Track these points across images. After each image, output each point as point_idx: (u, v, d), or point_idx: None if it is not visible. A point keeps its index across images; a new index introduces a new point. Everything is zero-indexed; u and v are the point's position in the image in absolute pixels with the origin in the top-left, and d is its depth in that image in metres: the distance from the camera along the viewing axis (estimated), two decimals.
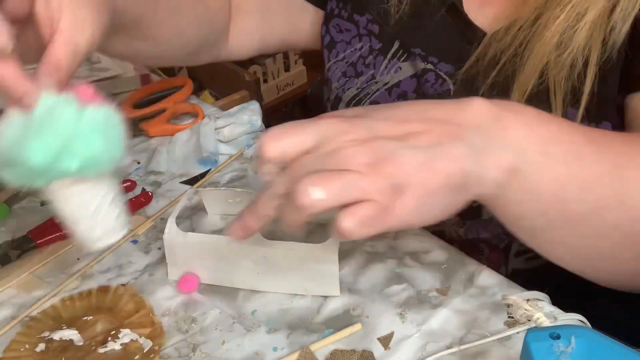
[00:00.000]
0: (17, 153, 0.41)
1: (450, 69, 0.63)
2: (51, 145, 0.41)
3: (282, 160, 0.40)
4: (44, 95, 0.42)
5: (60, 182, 0.44)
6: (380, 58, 0.67)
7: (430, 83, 0.64)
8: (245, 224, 0.44)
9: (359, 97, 0.68)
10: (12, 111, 0.42)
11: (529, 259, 0.66)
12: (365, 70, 0.68)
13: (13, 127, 0.42)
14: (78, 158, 0.42)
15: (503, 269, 0.66)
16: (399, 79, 0.66)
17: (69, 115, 0.42)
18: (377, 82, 0.67)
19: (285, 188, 0.40)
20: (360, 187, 0.38)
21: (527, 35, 0.55)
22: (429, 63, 0.64)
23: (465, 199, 0.42)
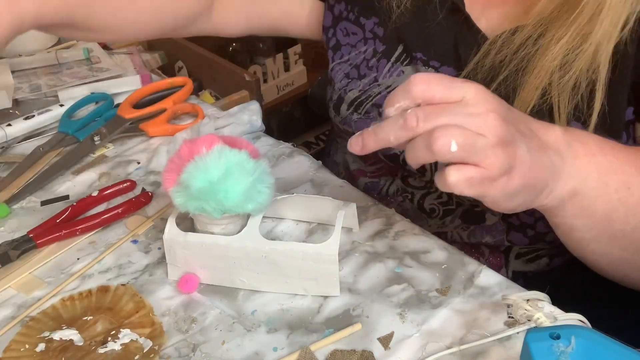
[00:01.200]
0: (213, 193, 0.52)
1: (451, 72, 0.63)
2: (241, 192, 0.53)
3: (425, 101, 0.44)
4: (219, 146, 0.54)
5: (229, 215, 0.55)
6: (384, 61, 0.67)
7: None
8: (363, 141, 0.47)
9: (361, 99, 0.68)
10: (198, 156, 0.53)
11: (529, 261, 0.66)
12: (368, 72, 0.68)
13: (204, 169, 0.52)
14: (254, 202, 0.54)
15: (504, 270, 0.66)
16: (402, 82, 0.65)
17: (250, 167, 0.54)
18: (379, 84, 0.67)
19: (418, 124, 0.43)
20: (485, 153, 0.43)
21: (529, 53, 0.56)
22: (430, 67, 0.64)
23: (535, 204, 0.49)
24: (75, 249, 0.62)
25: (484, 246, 0.67)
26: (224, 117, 0.79)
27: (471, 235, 0.67)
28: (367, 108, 0.68)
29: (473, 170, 0.43)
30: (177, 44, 1.23)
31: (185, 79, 0.86)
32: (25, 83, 0.90)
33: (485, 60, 0.59)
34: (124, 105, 0.82)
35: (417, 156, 0.44)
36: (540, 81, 0.55)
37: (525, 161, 0.45)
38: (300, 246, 0.54)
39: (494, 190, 0.44)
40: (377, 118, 0.67)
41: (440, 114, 0.43)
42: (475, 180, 0.43)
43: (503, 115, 0.43)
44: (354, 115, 0.69)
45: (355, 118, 0.69)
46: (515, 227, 0.63)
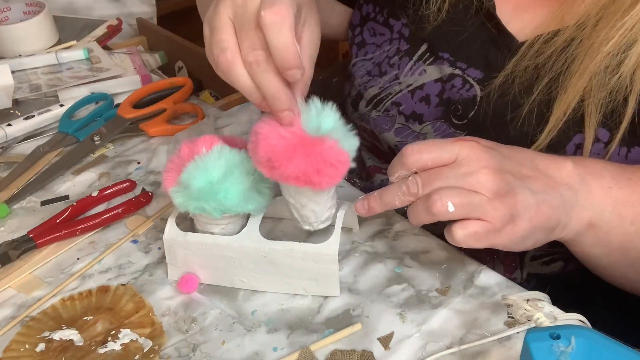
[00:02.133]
0: (213, 193, 0.52)
1: (479, 75, 0.62)
2: (241, 192, 0.53)
3: (420, 169, 0.48)
4: (219, 146, 0.53)
5: (229, 215, 0.55)
6: (406, 59, 0.66)
7: (456, 88, 0.63)
8: (370, 205, 0.51)
9: (380, 97, 0.67)
10: (197, 156, 0.53)
11: (544, 264, 0.65)
12: (389, 70, 0.68)
13: (204, 169, 0.52)
14: (254, 202, 0.54)
15: (518, 272, 0.65)
16: (423, 82, 0.65)
17: (250, 167, 0.53)
18: (400, 82, 0.66)
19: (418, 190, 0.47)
20: (483, 209, 0.46)
21: (572, 54, 0.55)
22: (457, 68, 0.63)
23: (549, 239, 0.51)
24: (75, 249, 0.62)
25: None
26: (224, 117, 0.79)
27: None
28: (387, 106, 0.67)
29: (477, 225, 0.46)
30: (177, 44, 1.23)
31: (185, 79, 0.86)
32: (25, 83, 0.90)
33: (521, 64, 0.58)
34: (124, 105, 0.82)
35: (419, 219, 0.48)
36: (584, 83, 0.54)
37: (529, 205, 0.47)
38: (301, 246, 0.54)
39: (502, 240, 0.47)
40: (397, 116, 0.66)
41: (436, 178, 0.46)
42: (481, 234, 0.46)
43: (497, 168, 0.46)
44: (373, 113, 0.68)
45: (374, 115, 0.68)
46: None
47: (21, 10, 1.07)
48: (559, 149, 0.57)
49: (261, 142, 0.49)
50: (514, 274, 0.65)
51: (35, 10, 1.06)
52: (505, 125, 0.59)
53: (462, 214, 0.46)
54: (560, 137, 0.56)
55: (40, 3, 1.06)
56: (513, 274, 0.65)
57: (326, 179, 0.49)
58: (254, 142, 0.50)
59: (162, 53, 1.03)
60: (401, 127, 0.66)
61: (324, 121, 0.50)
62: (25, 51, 0.99)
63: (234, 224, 0.56)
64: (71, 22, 1.13)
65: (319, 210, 0.54)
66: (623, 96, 0.53)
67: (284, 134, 0.48)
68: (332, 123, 0.50)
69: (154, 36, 1.25)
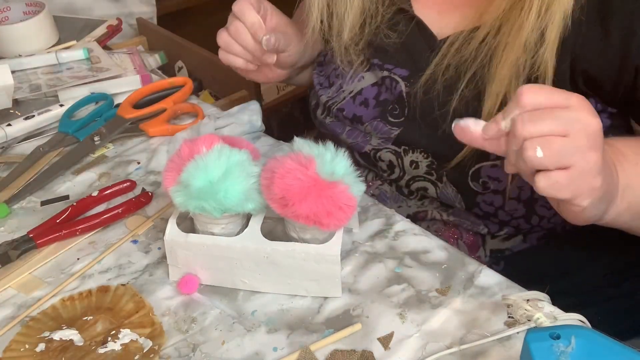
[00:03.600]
0: (213, 192, 0.52)
1: (405, 73, 0.67)
2: (241, 191, 0.53)
3: (533, 107, 0.47)
4: (219, 145, 0.54)
5: (229, 214, 0.55)
6: (347, 69, 0.73)
7: (389, 89, 0.69)
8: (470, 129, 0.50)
9: (329, 104, 0.74)
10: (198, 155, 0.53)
11: (504, 240, 0.68)
12: (335, 81, 0.75)
13: (204, 168, 0.52)
14: (254, 202, 0.54)
15: (481, 250, 0.68)
16: (362, 87, 0.71)
17: (251, 169, 0.54)
18: (343, 90, 0.73)
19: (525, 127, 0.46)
20: (574, 158, 0.46)
21: (492, 48, 0.59)
22: (385, 70, 0.68)
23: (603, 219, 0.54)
24: (75, 249, 0.62)
25: (461, 228, 0.69)
26: (224, 117, 0.79)
27: (451, 215, 0.68)
28: (334, 112, 0.73)
29: (560, 174, 0.46)
30: (177, 44, 1.23)
31: (185, 79, 0.86)
32: (25, 83, 0.90)
33: (444, 61, 0.62)
34: (124, 105, 0.82)
35: (513, 164, 0.49)
36: (507, 73, 0.57)
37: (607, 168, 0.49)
38: (302, 247, 0.54)
39: (581, 193, 0.48)
40: (344, 121, 0.72)
41: (546, 117, 0.46)
42: (563, 184, 0.46)
43: (600, 124, 0.47)
44: (327, 119, 0.75)
45: (329, 121, 0.74)
46: (481, 216, 0.66)
47: (21, 10, 1.07)
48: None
49: (276, 181, 0.51)
50: (478, 252, 0.69)
51: (35, 10, 1.06)
52: (437, 122, 0.64)
53: (551, 162, 0.46)
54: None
55: (40, 3, 1.06)
56: (477, 253, 0.69)
57: (334, 221, 0.51)
58: (269, 179, 0.52)
59: (162, 53, 1.03)
60: (350, 129, 0.72)
61: (337, 166, 0.52)
62: (25, 51, 0.99)
63: (234, 224, 0.56)
64: (71, 22, 1.13)
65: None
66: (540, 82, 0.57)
67: (300, 176, 0.51)
68: (344, 169, 0.53)
69: (154, 36, 1.25)
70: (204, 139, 0.54)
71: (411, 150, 0.66)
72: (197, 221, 0.56)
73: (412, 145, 0.66)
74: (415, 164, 0.66)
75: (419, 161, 0.66)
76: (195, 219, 0.56)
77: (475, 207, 0.65)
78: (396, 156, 0.67)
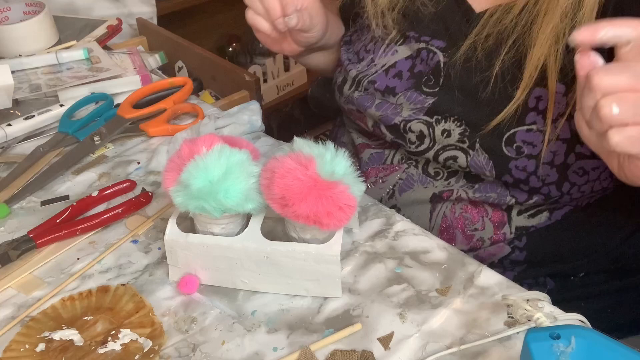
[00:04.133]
0: (213, 192, 0.52)
1: (442, 44, 0.69)
2: (241, 191, 0.53)
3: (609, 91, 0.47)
4: (219, 145, 0.54)
5: (229, 215, 0.55)
6: (380, 44, 0.74)
7: (425, 60, 0.70)
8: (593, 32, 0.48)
9: (359, 78, 0.75)
10: (197, 156, 0.53)
11: (530, 216, 0.69)
12: (366, 55, 0.76)
13: (204, 168, 0.52)
14: (254, 202, 0.54)
15: (507, 227, 0.69)
16: (395, 60, 0.72)
17: (251, 169, 0.54)
18: (375, 64, 0.74)
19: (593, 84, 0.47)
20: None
21: (532, 15, 0.60)
22: (421, 42, 0.70)
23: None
24: (75, 249, 0.62)
25: (487, 204, 0.69)
26: (224, 117, 0.79)
27: (477, 191, 0.69)
28: (365, 85, 0.73)
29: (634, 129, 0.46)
30: (177, 44, 1.23)
31: (185, 79, 0.86)
32: (25, 83, 0.90)
33: (483, 32, 0.64)
34: (124, 105, 0.82)
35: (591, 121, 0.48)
36: (547, 39, 0.59)
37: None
38: (302, 247, 0.54)
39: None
40: (374, 93, 0.73)
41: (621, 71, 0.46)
42: (637, 137, 0.46)
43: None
44: (355, 93, 0.75)
45: (357, 95, 0.74)
46: (511, 184, 0.66)
47: (21, 10, 1.07)
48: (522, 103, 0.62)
49: (276, 181, 0.51)
50: (503, 229, 0.69)
51: (35, 10, 1.06)
52: (475, 89, 0.65)
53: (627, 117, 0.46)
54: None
55: (40, 3, 1.06)
56: (502, 230, 0.69)
57: (334, 221, 0.51)
58: (269, 179, 0.52)
59: (162, 53, 1.03)
60: (380, 102, 0.72)
61: (337, 167, 0.52)
62: (25, 51, 0.99)
63: (234, 224, 0.56)
64: (71, 22, 1.13)
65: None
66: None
67: (300, 176, 0.51)
68: (344, 169, 0.53)
69: (154, 36, 1.25)
70: (204, 139, 0.54)
71: (444, 119, 0.67)
72: (197, 221, 0.56)
73: (446, 113, 0.67)
74: (447, 132, 0.67)
75: (452, 129, 0.67)
76: (195, 219, 0.56)
77: (506, 174, 0.65)
78: (427, 126, 0.68)
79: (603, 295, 0.73)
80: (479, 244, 0.69)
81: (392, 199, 0.73)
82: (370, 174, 0.75)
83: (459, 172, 0.70)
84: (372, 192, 0.74)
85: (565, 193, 0.65)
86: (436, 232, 0.70)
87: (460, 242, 0.70)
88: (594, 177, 0.64)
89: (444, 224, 0.70)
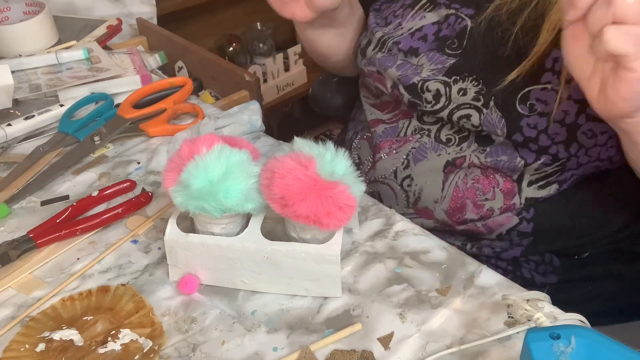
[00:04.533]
0: (213, 192, 0.52)
1: (470, 12, 0.72)
2: (241, 191, 0.53)
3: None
4: (219, 145, 0.54)
5: (229, 215, 0.55)
6: (408, 10, 0.78)
7: (451, 25, 0.73)
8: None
9: (384, 39, 0.78)
10: (197, 156, 0.53)
11: (540, 188, 0.70)
12: (394, 20, 0.79)
13: (204, 168, 0.52)
14: (254, 202, 0.54)
15: (517, 197, 0.70)
16: (422, 25, 0.75)
17: (251, 169, 0.54)
18: (402, 27, 0.77)
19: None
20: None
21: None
22: (452, 9, 0.73)
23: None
24: (75, 249, 0.62)
25: (498, 174, 0.70)
26: (224, 117, 0.79)
27: (488, 155, 0.70)
28: (389, 46, 0.76)
29: (634, 27, 0.45)
30: (177, 44, 1.23)
31: (185, 79, 0.86)
32: (25, 83, 0.90)
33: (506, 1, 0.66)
34: (124, 105, 0.82)
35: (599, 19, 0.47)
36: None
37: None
38: (302, 247, 0.54)
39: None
40: (398, 54, 0.75)
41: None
42: (633, 35, 0.45)
43: None
44: (378, 54, 0.77)
45: (379, 56, 0.77)
46: (520, 143, 0.67)
47: (21, 10, 1.07)
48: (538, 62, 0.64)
49: (277, 181, 0.51)
50: (513, 200, 0.70)
51: (35, 10, 1.06)
52: (494, 48, 0.68)
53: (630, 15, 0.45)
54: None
55: (40, 3, 1.06)
56: (512, 200, 0.70)
57: (334, 221, 0.51)
58: (269, 179, 0.52)
59: (162, 53, 1.03)
60: (402, 62, 0.74)
61: (337, 167, 0.52)
62: (25, 51, 0.99)
63: (234, 224, 0.56)
64: (71, 22, 1.13)
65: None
66: None
67: (300, 176, 0.51)
68: (344, 169, 0.53)
69: (154, 36, 1.24)
70: (204, 139, 0.54)
71: (462, 79, 0.69)
72: (197, 221, 0.56)
73: (464, 73, 0.69)
74: (464, 91, 0.69)
75: (468, 88, 0.68)
76: (195, 219, 0.56)
77: (517, 133, 0.66)
78: (445, 85, 0.70)
79: (608, 277, 0.74)
80: (489, 213, 0.70)
81: (407, 169, 0.74)
82: (384, 146, 0.77)
83: (470, 136, 0.71)
84: (386, 163, 0.76)
85: (573, 155, 0.66)
86: (448, 201, 0.71)
87: (470, 210, 0.70)
88: (602, 142, 0.65)
89: (456, 193, 0.71)
